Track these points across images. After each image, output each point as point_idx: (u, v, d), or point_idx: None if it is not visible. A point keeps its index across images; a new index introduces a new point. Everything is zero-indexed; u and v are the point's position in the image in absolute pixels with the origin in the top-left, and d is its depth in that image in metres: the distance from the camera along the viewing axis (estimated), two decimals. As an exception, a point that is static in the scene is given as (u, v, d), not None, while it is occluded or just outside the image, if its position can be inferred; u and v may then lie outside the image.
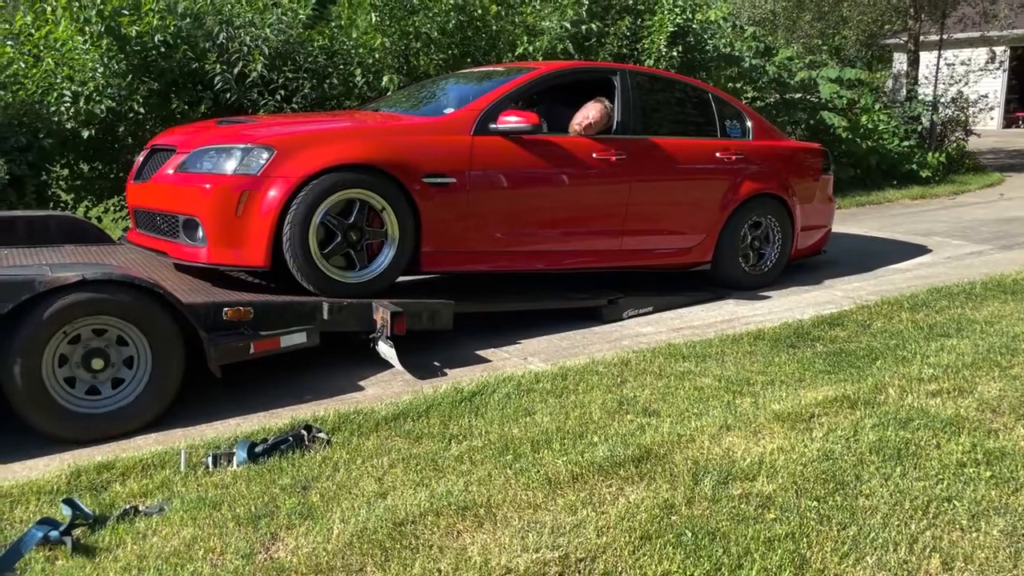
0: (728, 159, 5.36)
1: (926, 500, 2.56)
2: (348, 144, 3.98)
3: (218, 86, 6.28)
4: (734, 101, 5.82)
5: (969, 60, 14.48)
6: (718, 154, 5.34)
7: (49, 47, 6.18)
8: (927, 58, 14.71)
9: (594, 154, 4.74)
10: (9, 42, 6.13)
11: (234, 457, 2.89)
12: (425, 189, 4.10)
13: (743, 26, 12.26)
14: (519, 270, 4.68)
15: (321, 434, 3.08)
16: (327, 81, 6.82)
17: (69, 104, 5.98)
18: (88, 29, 6.00)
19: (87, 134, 6.09)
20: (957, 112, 13.28)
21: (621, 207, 4.86)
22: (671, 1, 8.32)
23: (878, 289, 5.57)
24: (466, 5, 7.45)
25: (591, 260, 4.89)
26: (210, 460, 2.87)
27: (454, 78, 5.59)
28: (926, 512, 2.50)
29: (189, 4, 6.36)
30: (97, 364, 3.17)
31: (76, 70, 6.05)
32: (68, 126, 6.06)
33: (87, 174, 6.56)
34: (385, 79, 6.84)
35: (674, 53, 8.19)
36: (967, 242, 7.37)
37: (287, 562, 2.26)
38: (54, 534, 2.34)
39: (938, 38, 13.96)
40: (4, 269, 3.36)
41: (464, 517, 2.48)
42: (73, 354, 3.14)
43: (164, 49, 6.21)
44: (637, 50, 8.37)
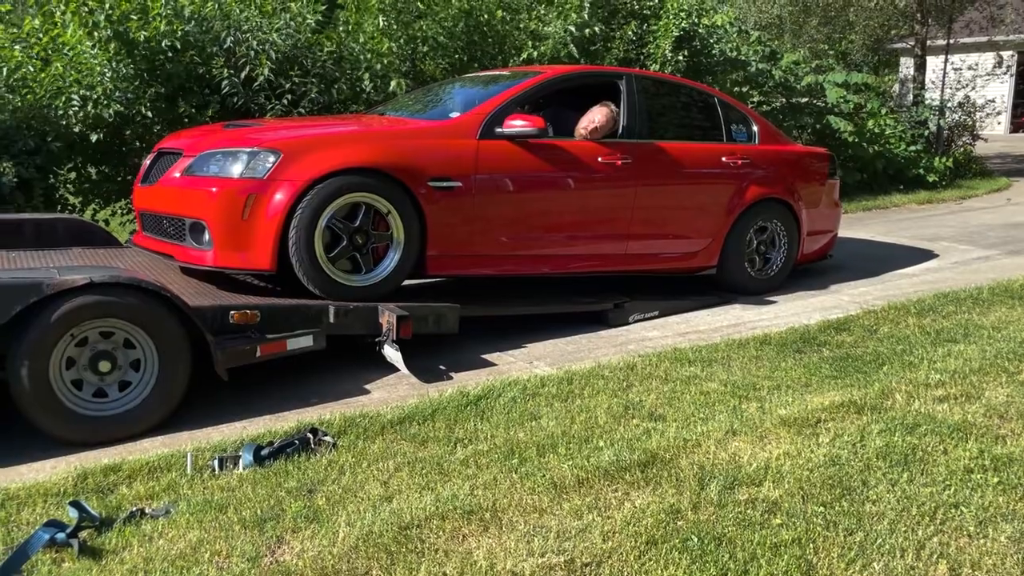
0: (734, 163, 5.36)
1: (933, 506, 2.55)
2: (354, 148, 3.99)
3: (225, 90, 6.30)
4: (740, 105, 5.82)
5: (976, 65, 14.48)
6: (724, 158, 5.34)
7: (57, 51, 6.21)
8: (934, 63, 14.70)
9: (600, 158, 4.74)
10: (17, 46, 6.16)
11: (240, 460, 2.89)
12: (431, 193, 4.10)
13: (748, 31, 12.25)
14: (525, 274, 4.68)
15: (327, 437, 3.08)
16: (335, 86, 6.84)
17: (77, 108, 6.01)
18: (96, 34, 6.03)
19: (95, 138, 6.11)
20: (964, 117, 13.26)
21: (627, 211, 4.86)
22: (676, 6, 8.32)
23: (885, 294, 5.55)
24: (472, 10, 7.47)
25: (597, 264, 4.89)
26: (216, 463, 2.88)
27: (460, 82, 5.60)
28: (933, 518, 2.49)
29: (196, 8, 6.38)
30: (104, 367, 3.18)
31: (84, 74, 6.08)
32: (76, 129, 6.09)
33: (94, 177, 6.58)
34: (393, 83, 6.85)
35: (680, 57, 8.19)
36: (974, 247, 7.35)
37: (293, 565, 2.26)
38: (61, 536, 2.35)
39: (945, 43, 13.94)
40: (12, 272, 3.37)
41: (469, 521, 2.48)
42: (80, 356, 3.15)
43: (171, 54, 6.24)
44: (643, 54, 8.38)
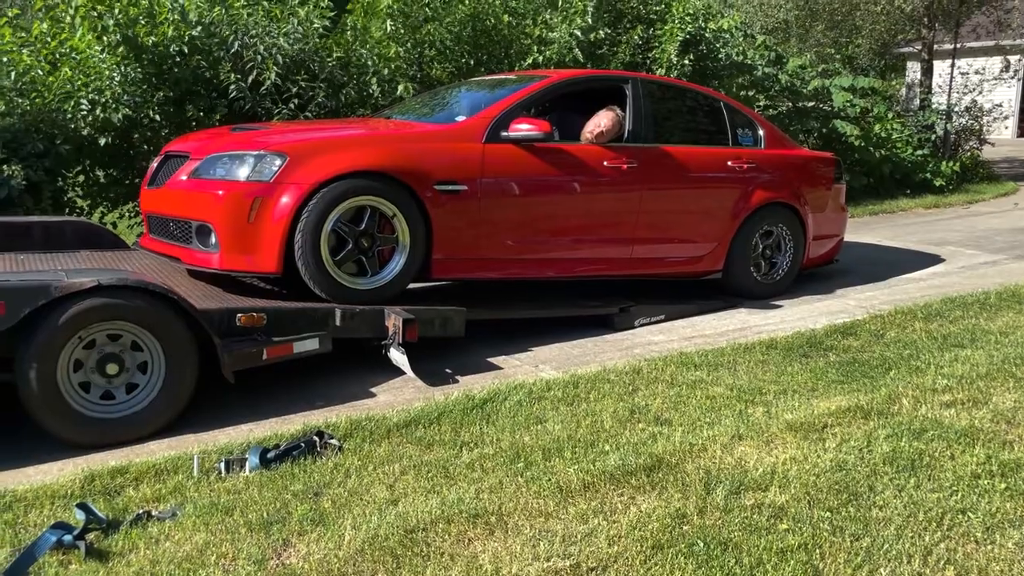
0: (739, 168, 5.35)
1: (940, 512, 2.54)
2: (360, 151, 4.00)
3: (232, 95, 6.33)
4: (746, 110, 5.82)
5: (983, 69, 14.43)
6: (729, 163, 5.33)
7: (65, 55, 6.24)
8: (941, 67, 14.66)
9: (605, 162, 4.74)
10: (25, 50, 6.19)
11: (246, 463, 2.90)
12: (436, 196, 4.11)
13: (755, 35, 12.25)
14: (530, 278, 4.68)
15: (333, 440, 3.09)
16: (343, 91, 6.86)
17: (86, 112, 6.04)
18: (106, 38, 6.06)
19: (103, 141, 6.14)
20: (971, 121, 13.23)
21: (632, 215, 4.86)
22: (682, 10, 8.33)
23: (891, 299, 5.54)
24: (479, 15, 7.49)
25: (602, 268, 4.89)
26: (223, 465, 2.88)
27: (466, 86, 5.61)
28: (940, 524, 2.48)
29: (203, 12, 6.41)
30: (112, 369, 3.19)
31: (93, 78, 6.11)
32: (84, 133, 6.12)
33: (103, 180, 6.61)
34: (400, 88, 6.87)
35: (685, 61, 8.19)
36: (981, 252, 7.33)
37: (299, 568, 2.27)
38: (68, 538, 2.36)
39: (952, 47, 13.92)
40: (20, 274, 3.39)
41: (475, 525, 2.48)
42: (88, 359, 3.16)
43: (179, 58, 6.27)
44: (649, 59, 8.38)
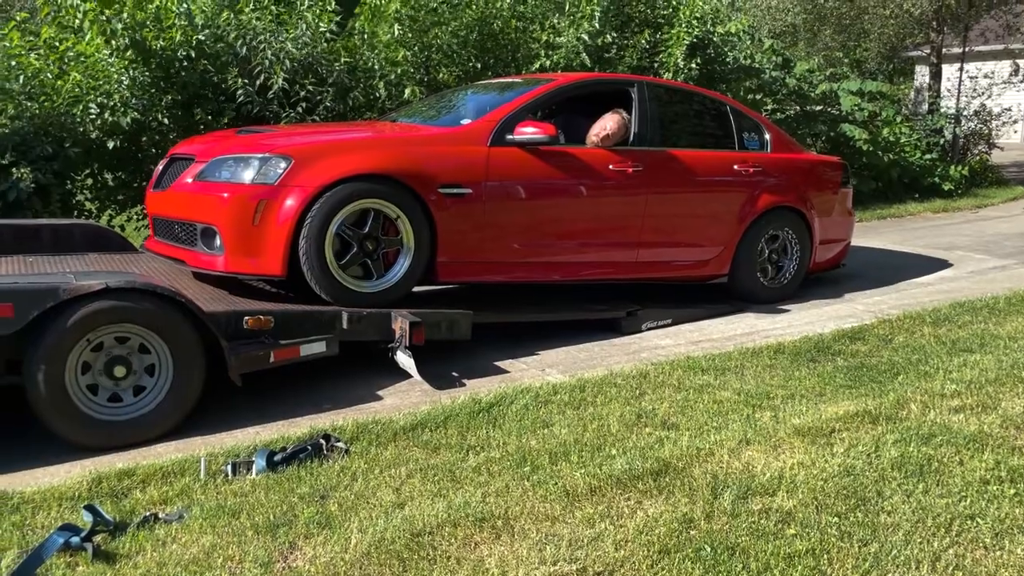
0: (746, 171, 5.34)
1: (949, 517, 2.53)
2: (365, 154, 4.00)
3: (240, 99, 6.35)
4: (752, 113, 5.81)
5: (992, 73, 14.36)
6: (736, 166, 5.32)
7: (73, 60, 6.27)
8: (949, 71, 14.60)
9: (611, 166, 4.74)
10: (32, 53, 6.23)
11: (253, 465, 2.90)
12: (441, 199, 4.11)
13: (762, 38, 12.23)
14: (536, 281, 4.68)
15: (339, 443, 3.09)
16: (350, 95, 6.88)
17: (95, 116, 6.07)
18: (114, 42, 6.10)
19: (112, 144, 6.17)
20: (980, 125, 13.17)
21: (638, 219, 4.85)
22: (689, 14, 8.32)
23: (900, 303, 5.52)
24: (486, 19, 7.50)
25: (608, 272, 4.89)
26: (229, 468, 2.89)
27: (472, 89, 5.62)
28: (949, 530, 2.46)
29: (210, 16, 6.44)
30: (119, 371, 3.20)
31: (101, 82, 6.15)
32: (93, 136, 6.15)
33: (111, 183, 6.64)
34: (407, 91, 6.89)
35: (693, 65, 8.18)
36: (990, 256, 7.29)
37: (305, 571, 2.27)
38: (75, 540, 2.36)
39: (960, 51, 13.87)
40: (29, 276, 3.41)
41: (481, 528, 2.48)
42: (96, 361, 3.17)
43: (187, 62, 6.30)
44: (656, 62, 8.38)
